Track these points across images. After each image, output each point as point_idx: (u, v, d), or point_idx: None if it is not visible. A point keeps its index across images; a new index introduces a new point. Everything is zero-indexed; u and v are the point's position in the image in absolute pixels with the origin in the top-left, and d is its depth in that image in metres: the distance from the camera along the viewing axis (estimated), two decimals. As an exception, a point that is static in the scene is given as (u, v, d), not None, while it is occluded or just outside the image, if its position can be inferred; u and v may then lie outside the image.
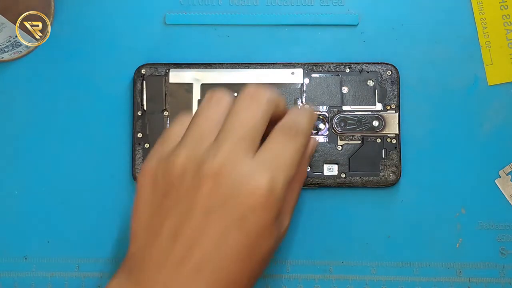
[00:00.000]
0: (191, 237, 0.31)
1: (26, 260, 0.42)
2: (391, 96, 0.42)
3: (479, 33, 0.42)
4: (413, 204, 0.42)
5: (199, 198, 0.31)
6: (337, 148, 0.41)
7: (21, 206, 0.42)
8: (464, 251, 0.41)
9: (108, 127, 0.42)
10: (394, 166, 0.41)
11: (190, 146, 0.33)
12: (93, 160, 0.42)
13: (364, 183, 0.41)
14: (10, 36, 0.40)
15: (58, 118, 0.42)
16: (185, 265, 0.31)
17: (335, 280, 0.41)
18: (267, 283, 0.41)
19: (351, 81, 0.42)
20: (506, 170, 0.42)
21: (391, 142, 0.41)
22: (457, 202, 0.41)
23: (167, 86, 0.42)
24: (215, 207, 0.31)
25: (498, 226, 0.41)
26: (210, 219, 0.31)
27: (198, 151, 0.32)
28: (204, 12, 0.43)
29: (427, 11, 0.43)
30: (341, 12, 0.43)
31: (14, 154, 0.42)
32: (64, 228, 0.42)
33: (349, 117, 0.42)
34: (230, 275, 0.31)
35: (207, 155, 0.32)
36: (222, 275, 0.31)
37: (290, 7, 0.43)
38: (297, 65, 0.42)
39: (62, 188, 0.42)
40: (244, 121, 0.33)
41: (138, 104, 0.42)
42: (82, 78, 0.43)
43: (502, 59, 0.42)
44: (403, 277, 0.41)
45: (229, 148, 0.32)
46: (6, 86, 0.43)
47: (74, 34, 0.43)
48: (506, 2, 0.42)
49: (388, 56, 0.42)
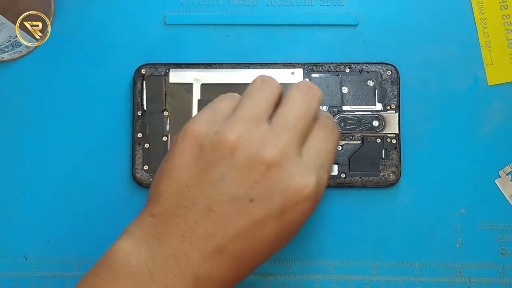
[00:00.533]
0: (226, 217, 0.31)
1: (26, 260, 0.42)
2: (391, 96, 0.42)
3: (479, 33, 0.42)
4: (413, 204, 0.42)
5: (246, 182, 0.31)
6: (337, 148, 0.41)
7: (21, 206, 0.42)
8: (464, 251, 0.41)
9: (108, 127, 0.42)
10: (394, 166, 0.41)
11: (243, 126, 0.32)
12: (93, 160, 0.42)
13: (364, 183, 0.41)
14: (10, 36, 0.40)
15: (58, 118, 0.42)
16: (211, 242, 0.31)
17: (335, 280, 0.41)
18: (268, 283, 0.41)
19: (351, 81, 0.42)
20: (506, 170, 0.42)
21: (391, 142, 0.41)
22: (457, 202, 0.41)
23: (167, 86, 0.42)
24: (260, 197, 0.31)
25: (498, 226, 0.41)
26: (252, 205, 0.31)
27: (254, 134, 0.32)
28: (204, 12, 0.43)
29: (427, 11, 0.43)
30: (341, 12, 0.43)
31: (14, 154, 0.42)
32: (64, 228, 0.42)
33: (349, 117, 0.42)
34: (253, 259, 0.32)
35: (265, 142, 0.32)
36: (246, 258, 0.32)
37: (290, 7, 0.43)
38: (297, 65, 0.42)
39: (62, 188, 0.42)
40: (301, 115, 0.33)
41: (138, 104, 0.42)
42: (82, 78, 0.43)
43: (502, 59, 0.42)
44: (403, 277, 0.41)
45: (285, 141, 0.32)
46: (6, 86, 0.43)
47: (74, 34, 0.43)
48: (506, 2, 0.42)
49: (388, 56, 0.42)
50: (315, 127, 0.34)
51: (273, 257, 0.41)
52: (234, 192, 0.31)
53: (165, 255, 0.31)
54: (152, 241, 0.31)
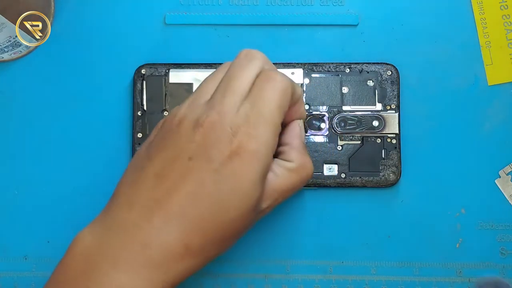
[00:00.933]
0: (169, 180, 0.31)
1: (26, 260, 0.42)
2: (391, 96, 0.42)
3: (479, 33, 0.42)
4: (413, 204, 0.42)
5: (185, 143, 0.32)
6: (337, 148, 0.41)
7: (21, 206, 0.42)
8: (464, 251, 0.41)
9: (108, 127, 0.42)
10: (394, 166, 0.41)
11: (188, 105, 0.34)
12: (93, 160, 0.42)
13: (364, 183, 0.41)
14: (10, 36, 0.40)
15: (58, 118, 0.42)
16: (161, 209, 0.31)
17: (335, 280, 0.41)
18: (268, 283, 0.42)
19: (351, 81, 0.42)
20: (506, 170, 0.42)
21: (391, 142, 0.41)
22: (457, 202, 0.41)
23: (167, 86, 0.42)
24: (197, 154, 0.31)
25: (498, 226, 0.41)
26: (190, 163, 0.31)
27: (198, 104, 0.33)
28: (204, 12, 0.43)
29: (427, 11, 0.43)
30: (341, 12, 0.43)
31: (14, 154, 0.42)
32: (64, 228, 0.42)
33: (349, 117, 0.42)
34: (204, 222, 0.31)
35: (207, 109, 0.32)
36: (193, 225, 0.31)
37: (290, 7, 0.43)
38: (297, 65, 0.42)
39: (62, 188, 0.42)
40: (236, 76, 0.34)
41: (138, 104, 0.42)
42: (82, 78, 0.43)
43: (502, 59, 0.42)
44: (403, 277, 0.41)
45: (223, 102, 0.32)
46: (6, 86, 0.43)
47: (74, 34, 0.43)
48: (506, 2, 0.42)
49: (388, 56, 0.42)
50: (256, 82, 0.34)
51: (273, 257, 0.42)
52: (174, 154, 0.32)
53: (113, 226, 0.32)
54: (103, 215, 0.33)
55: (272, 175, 0.34)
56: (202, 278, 0.42)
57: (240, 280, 0.42)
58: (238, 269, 0.42)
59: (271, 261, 0.42)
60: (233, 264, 0.42)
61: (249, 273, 0.42)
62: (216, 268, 0.42)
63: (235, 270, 0.42)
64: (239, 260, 0.42)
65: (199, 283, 0.42)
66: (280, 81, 0.34)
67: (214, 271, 0.42)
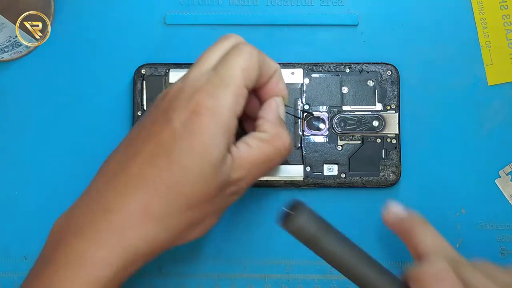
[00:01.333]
0: (136, 146, 0.32)
1: (26, 260, 0.42)
2: (391, 96, 0.42)
3: (479, 33, 0.42)
4: (413, 204, 0.41)
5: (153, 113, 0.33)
6: (337, 148, 0.41)
7: (21, 206, 0.42)
8: (464, 251, 0.41)
9: (108, 127, 0.42)
10: (394, 166, 0.41)
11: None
12: (93, 160, 0.42)
13: (364, 183, 0.41)
14: (10, 36, 0.40)
15: (58, 118, 0.42)
16: (122, 172, 0.32)
17: (335, 280, 0.41)
18: (268, 283, 0.42)
19: (351, 81, 0.42)
20: (506, 170, 0.42)
21: (391, 142, 0.41)
22: (457, 202, 0.41)
23: (167, 86, 0.42)
24: (160, 117, 0.33)
25: (498, 226, 0.41)
26: (153, 128, 0.32)
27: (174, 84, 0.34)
28: (204, 12, 0.43)
29: (427, 11, 0.43)
30: (341, 12, 0.43)
31: (14, 154, 0.42)
32: (64, 228, 0.42)
33: (349, 117, 0.42)
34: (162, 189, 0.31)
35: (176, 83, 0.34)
36: (152, 186, 0.31)
37: (290, 7, 0.43)
38: (297, 65, 0.42)
39: (62, 188, 0.42)
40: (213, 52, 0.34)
41: (138, 104, 0.42)
42: (82, 78, 0.43)
43: (502, 59, 0.42)
44: (403, 277, 0.41)
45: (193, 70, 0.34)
46: (6, 86, 0.43)
47: (74, 34, 0.43)
48: (506, 2, 0.42)
49: (388, 56, 0.42)
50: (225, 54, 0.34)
51: (273, 257, 0.42)
52: (142, 124, 0.33)
53: (82, 198, 0.33)
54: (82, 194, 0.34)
55: (245, 145, 0.34)
56: (202, 278, 0.42)
57: (240, 280, 0.42)
58: (238, 269, 0.42)
59: (271, 261, 0.42)
60: (233, 264, 0.42)
61: (249, 273, 0.42)
62: (216, 268, 0.42)
63: (235, 270, 0.42)
64: (239, 260, 0.42)
65: (199, 283, 0.42)
66: (246, 48, 0.34)
67: (214, 271, 0.42)
